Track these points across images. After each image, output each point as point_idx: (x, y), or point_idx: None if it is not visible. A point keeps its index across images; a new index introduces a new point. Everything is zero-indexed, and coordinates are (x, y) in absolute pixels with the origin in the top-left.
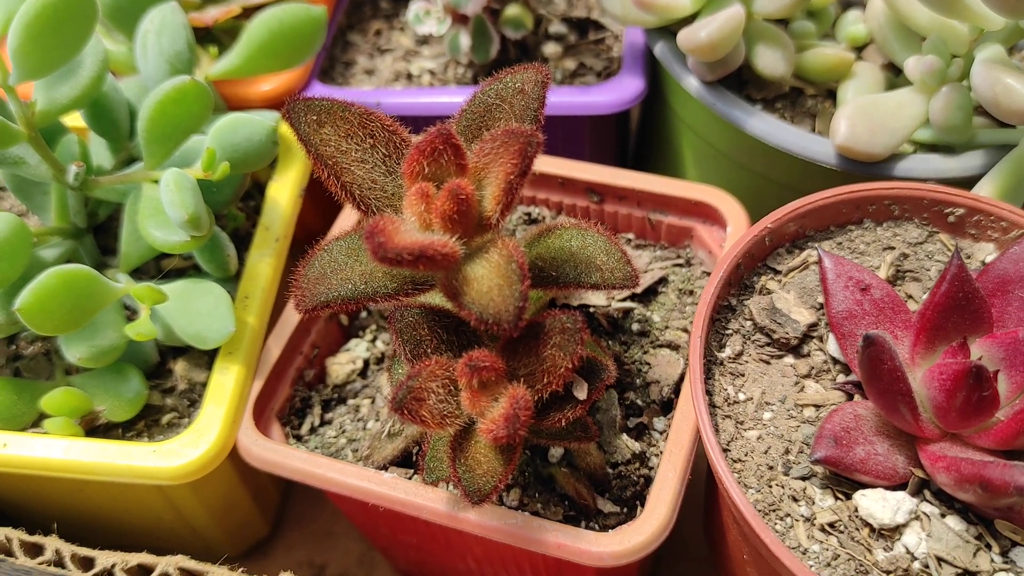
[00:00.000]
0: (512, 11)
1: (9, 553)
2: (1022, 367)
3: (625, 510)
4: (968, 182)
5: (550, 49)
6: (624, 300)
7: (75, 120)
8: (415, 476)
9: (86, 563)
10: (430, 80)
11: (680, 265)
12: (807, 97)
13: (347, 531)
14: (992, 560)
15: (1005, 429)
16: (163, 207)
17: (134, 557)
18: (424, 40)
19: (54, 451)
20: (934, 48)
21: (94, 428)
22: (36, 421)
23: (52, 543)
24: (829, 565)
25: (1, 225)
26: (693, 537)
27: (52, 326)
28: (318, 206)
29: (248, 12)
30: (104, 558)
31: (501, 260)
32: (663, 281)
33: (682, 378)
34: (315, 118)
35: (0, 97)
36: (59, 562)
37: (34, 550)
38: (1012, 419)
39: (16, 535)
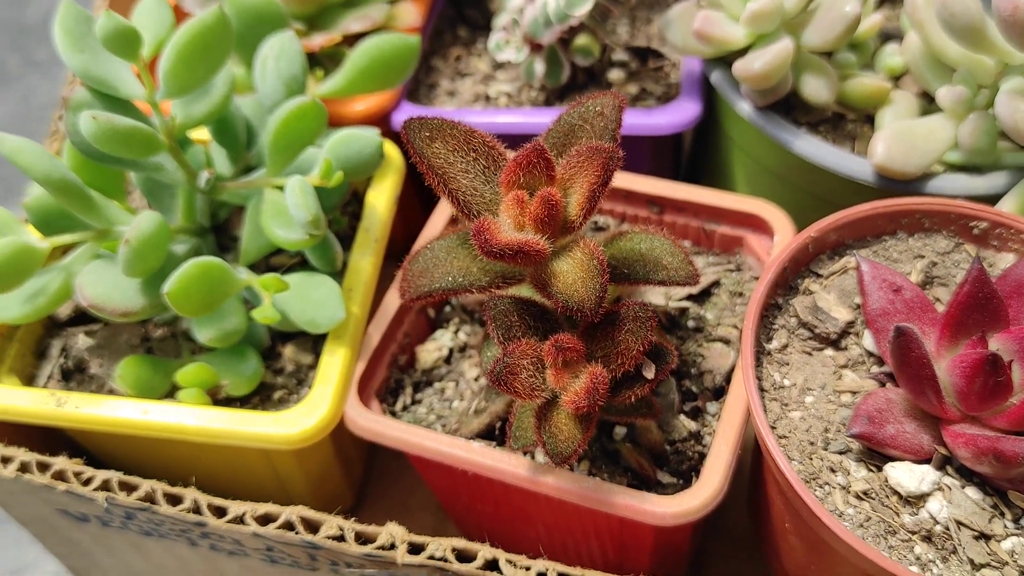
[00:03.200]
0: (581, 41)
1: (153, 502)
2: None
3: (681, 481)
4: (992, 199)
5: (614, 75)
6: (681, 300)
7: (198, 132)
8: (499, 448)
9: (219, 512)
10: (506, 102)
11: (731, 270)
12: (848, 121)
13: (422, 505)
14: (1005, 526)
15: (1018, 411)
16: (285, 209)
17: (261, 507)
18: (499, 65)
19: (188, 418)
20: (963, 80)
21: (216, 401)
22: (169, 393)
23: (191, 493)
24: (862, 526)
25: (150, 222)
26: (735, 522)
27: (191, 309)
28: (399, 213)
29: (347, 39)
30: (235, 507)
31: (584, 257)
32: (716, 284)
33: (733, 369)
34: (428, 134)
35: (146, 112)
36: (196, 510)
37: (174, 500)
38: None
39: (160, 486)
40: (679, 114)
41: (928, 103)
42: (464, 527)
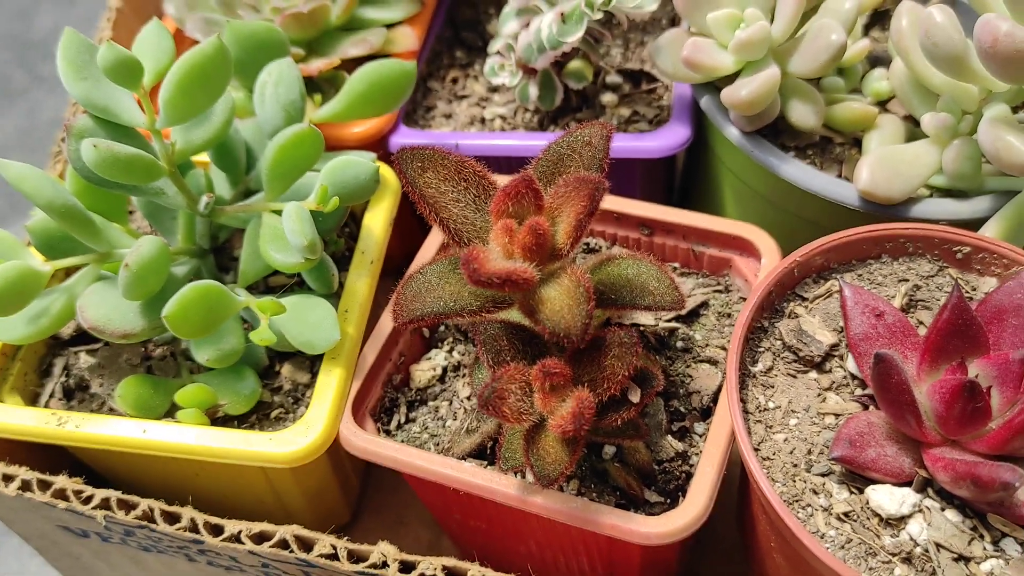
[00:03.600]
0: (574, 65)
1: (151, 520)
2: (1012, 384)
3: (668, 501)
4: (977, 224)
5: (607, 98)
6: (670, 321)
7: (198, 156)
8: (490, 467)
9: (215, 530)
10: (501, 124)
11: (719, 291)
12: (836, 145)
13: (418, 520)
14: (984, 548)
15: (996, 436)
16: (282, 233)
17: (256, 526)
18: (495, 88)
19: (187, 436)
20: (947, 106)
21: (214, 420)
22: (168, 411)
23: (187, 512)
24: (843, 547)
25: (150, 246)
26: (725, 535)
27: (189, 331)
28: (397, 232)
29: (346, 63)
30: (231, 526)
31: (571, 284)
32: (704, 305)
33: (719, 389)
34: (420, 164)
35: (146, 138)
36: (193, 528)
37: (171, 519)
38: (1002, 428)
39: (158, 505)
40: (669, 138)
41: (915, 126)
42: (458, 542)
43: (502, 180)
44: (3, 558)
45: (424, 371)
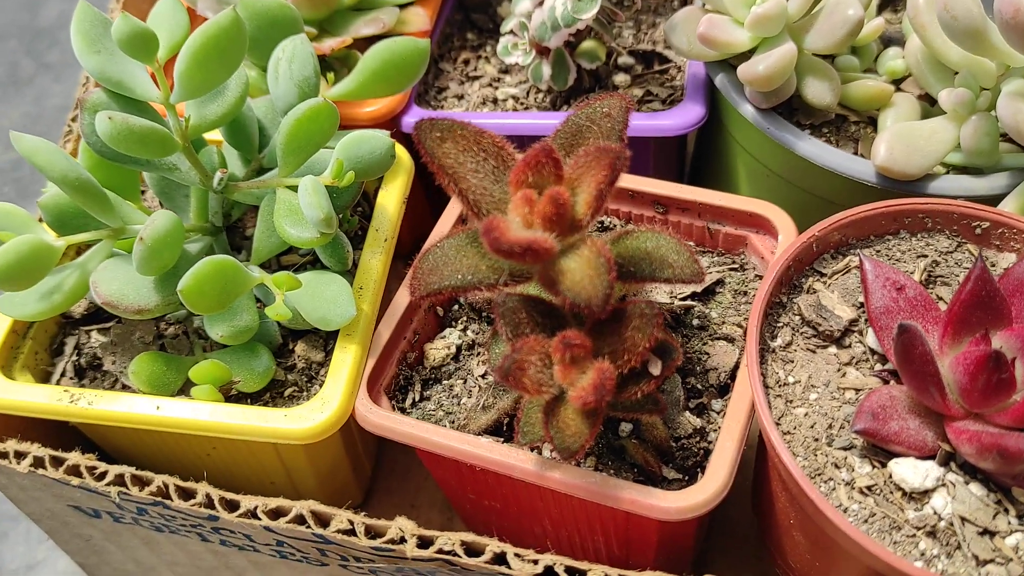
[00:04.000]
0: (587, 45)
1: (166, 496)
2: None
3: (686, 478)
4: (994, 200)
5: (620, 78)
6: (686, 299)
7: (211, 133)
8: (506, 443)
9: (232, 506)
10: (513, 105)
11: (735, 269)
12: (851, 123)
13: (430, 503)
14: (1009, 522)
15: (1021, 408)
16: (298, 208)
17: (272, 501)
18: (507, 69)
19: (201, 413)
20: (964, 82)
21: (228, 398)
22: (181, 389)
23: (203, 488)
24: (866, 521)
25: (165, 221)
26: (739, 518)
27: (205, 306)
28: (407, 215)
29: (358, 42)
30: (247, 501)
31: (591, 255)
32: (720, 283)
33: (737, 366)
34: (439, 135)
35: (161, 113)
36: (209, 504)
37: (186, 495)
38: None
39: (172, 481)
40: (684, 116)
41: (930, 105)
42: (471, 524)
43: (520, 154)
44: (11, 544)
45: (438, 349)
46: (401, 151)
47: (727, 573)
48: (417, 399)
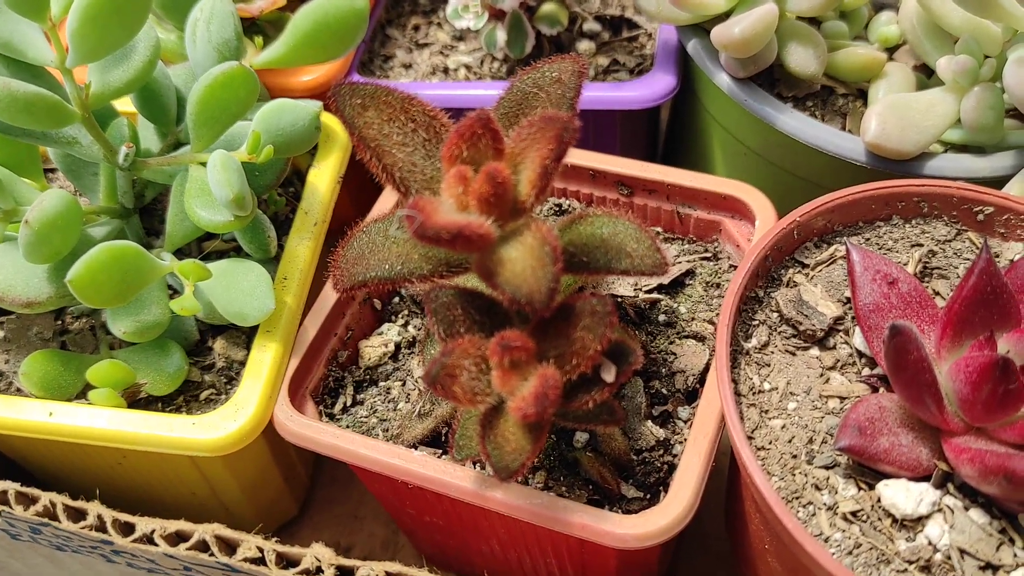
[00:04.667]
0: (548, 8)
1: (53, 517)
2: None
3: (648, 496)
4: (998, 182)
5: (584, 46)
6: (651, 291)
7: (124, 104)
8: (444, 456)
9: (127, 529)
10: (466, 74)
11: (707, 259)
12: (838, 96)
13: (374, 515)
14: (1015, 555)
15: None
16: (209, 188)
17: (172, 524)
18: (460, 36)
19: (98, 421)
20: (967, 48)
21: (136, 401)
22: (81, 392)
23: (94, 508)
24: (851, 553)
25: (55, 201)
26: (713, 532)
27: (100, 299)
28: (350, 195)
29: (292, 4)
30: (144, 524)
31: (535, 242)
32: (690, 274)
33: (707, 368)
34: (359, 101)
35: (57, 79)
36: (101, 527)
37: (77, 515)
38: None
39: (60, 499)
40: (653, 87)
41: (927, 77)
42: (415, 540)
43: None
44: None
45: (375, 347)
46: (335, 124)
47: None
48: (349, 403)
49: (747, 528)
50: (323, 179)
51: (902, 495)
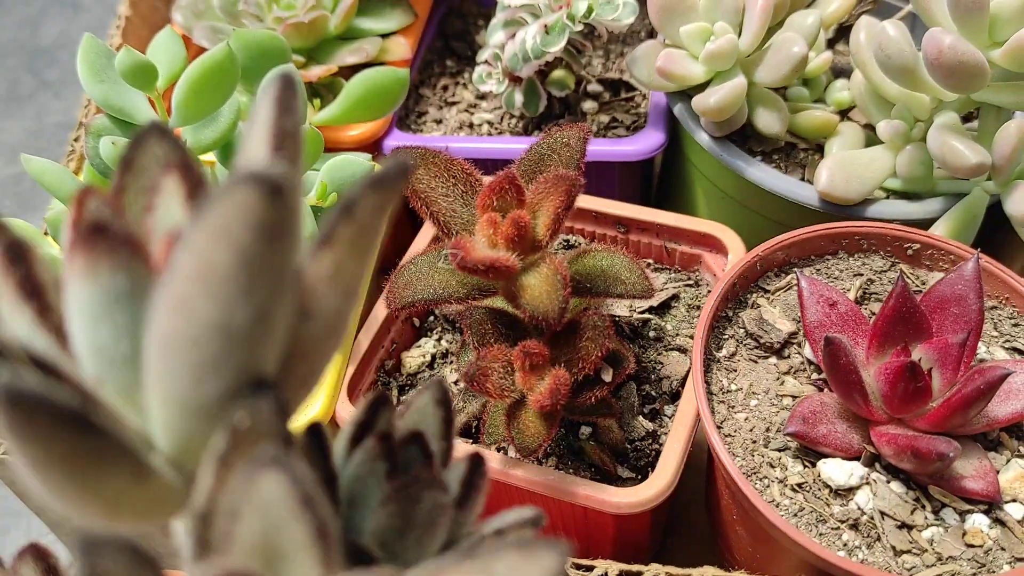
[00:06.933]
0: (557, 74)
1: None
2: (951, 366)
3: (639, 477)
4: (928, 223)
5: (588, 105)
6: (643, 312)
7: (206, 156)
8: (474, 443)
9: None
10: (488, 129)
11: (690, 285)
12: (800, 151)
13: None
14: (926, 517)
15: (936, 414)
16: None
17: None
18: (483, 96)
19: None
20: (900, 114)
21: None
22: None
23: None
24: (796, 515)
25: None
26: (697, 520)
27: None
28: (387, 236)
29: (343, 70)
30: None
31: (549, 272)
32: (675, 297)
33: (688, 375)
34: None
35: None
36: None
37: None
38: (942, 406)
39: None
40: (645, 142)
41: (874, 133)
42: None
43: (488, 179)
44: (13, 539)
45: (414, 357)
46: None
47: (684, 564)
48: (395, 403)
49: (719, 504)
50: None
51: (837, 471)
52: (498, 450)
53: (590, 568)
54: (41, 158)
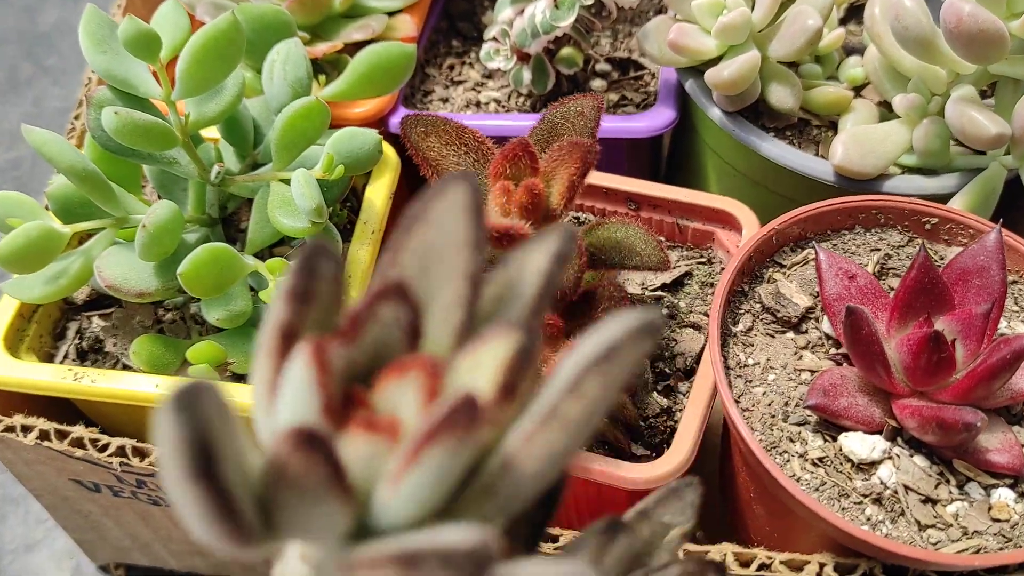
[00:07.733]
0: (566, 52)
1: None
2: (975, 337)
3: (654, 454)
4: (944, 199)
5: (596, 84)
6: (656, 290)
7: (208, 131)
8: None
9: None
10: (495, 107)
11: (703, 263)
12: (813, 127)
13: None
14: (950, 492)
15: (960, 386)
16: (291, 200)
17: None
18: (490, 75)
19: None
20: (916, 88)
21: (222, 378)
22: (179, 370)
23: None
24: (817, 490)
25: (166, 210)
26: (708, 504)
27: (202, 290)
28: (394, 211)
29: (348, 47)
30: None
31: None
32: (688, 275)
33: (702, 351)
34: (423, 129)
35: (162, 110)
36: None
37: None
38: (966, 378)
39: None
40: (656, 119)
41: (888, 111)
42: None
43: (500, 149)
44: (10, 526)
45: None
46: (388, 149)
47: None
48: None
49: (736, 482)
50: (378, 195)
51: (859, 444)
52: None
53: None
54: (42, 129)
